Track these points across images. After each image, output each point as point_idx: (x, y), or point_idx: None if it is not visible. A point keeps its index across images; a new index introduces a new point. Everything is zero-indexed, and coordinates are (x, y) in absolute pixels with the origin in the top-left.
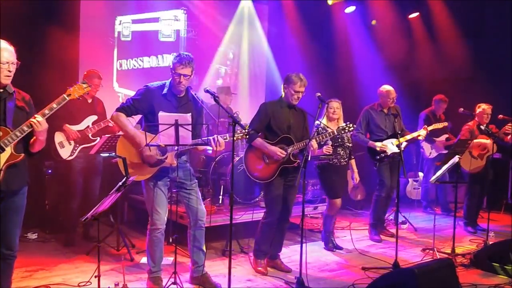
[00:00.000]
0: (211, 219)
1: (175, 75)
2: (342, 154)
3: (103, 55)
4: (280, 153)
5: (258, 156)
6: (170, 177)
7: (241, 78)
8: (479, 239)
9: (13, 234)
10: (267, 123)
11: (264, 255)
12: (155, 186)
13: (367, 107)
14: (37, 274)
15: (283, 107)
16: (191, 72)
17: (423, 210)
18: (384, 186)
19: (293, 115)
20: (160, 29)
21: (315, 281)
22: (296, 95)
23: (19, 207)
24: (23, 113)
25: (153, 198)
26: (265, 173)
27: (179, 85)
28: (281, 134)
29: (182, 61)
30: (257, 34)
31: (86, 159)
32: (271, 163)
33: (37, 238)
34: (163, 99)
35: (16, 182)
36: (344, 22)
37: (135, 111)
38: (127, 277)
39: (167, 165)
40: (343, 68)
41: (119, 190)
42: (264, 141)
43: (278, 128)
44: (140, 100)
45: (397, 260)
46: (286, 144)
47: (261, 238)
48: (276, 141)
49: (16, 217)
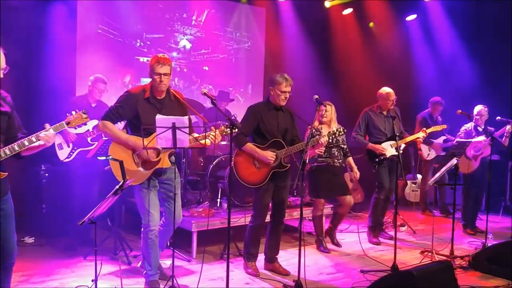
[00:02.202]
0: (209, 222)
1: (155, 75)
2: (336, 154)
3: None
4: (271, 158)
5: (248, 161)
6: (160, 179)
7: (239, 80)
8: (477, 241)
9: (11, 242)
10: (256, 127)
11: (254, 257)
12: (146, 188)
13: (367, 109)
14: (34, 278)
15: (270, 110)
16: (170, 70)
17: (422, 213)
18: (383, 189)
19: (281, 117)
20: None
21: (313, 284)
22: (283, 95)
23: (9, 213)
24: (5, 118)
25: (144, 199)
26: (256, 178)
27: (160, 85)
28: (270, 137)
29: (160, 60)
30: (255, 37)
31: (84, 163)
32: (262, 168)
33: (34, 242)
34: (146, 102)
35: (4, 190)
36: (342, 24)
37: (120, 118)
38: (124, 281)
39: (163, 166)
40: (341, 71)
41: (116, 194)
42: (254, 145)
43: (267, 131)
44: (123, 106)
45: (395, 263)
46: (276, 148)
47: (249, 241)
48: (266, 145)
49: (9, 225)
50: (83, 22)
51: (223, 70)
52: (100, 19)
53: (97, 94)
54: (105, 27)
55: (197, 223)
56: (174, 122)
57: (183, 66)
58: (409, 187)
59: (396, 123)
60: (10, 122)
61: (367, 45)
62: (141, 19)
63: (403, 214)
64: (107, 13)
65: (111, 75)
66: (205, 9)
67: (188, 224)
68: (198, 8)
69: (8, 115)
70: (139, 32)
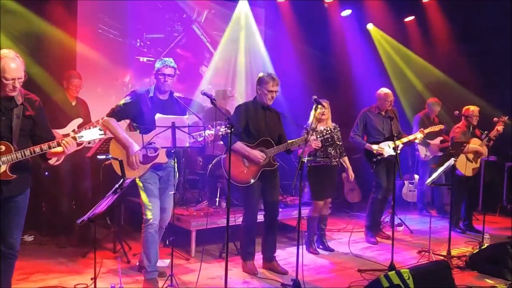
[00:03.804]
0: (208, 221)
1: (159, 75)
2: (333, 154)
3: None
4: (261, 157)
5: (238, 159)
6: (160, 175)
7: (238, 81)
8: (474, 242)
9: (14, 234)
10: (244, 125)
11: (251, 256)
12: (146, 182)
13: (365, 109)
14: (33, 276)
15: (258, 109)
16: (174, 72)
17: (419, 213)
18: (381, 189)
19: (269, 116)
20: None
21: (311, 283)
22: (270, 94)
23: (21, 207)
24: (29, 122)
25: (146, 193)
26: (246, 176)
27: (164, 84)
28: (259, 136)
29: (166, 63)
30: (254, 37)
31: (73, 162)
32: (251, 166)
33: (33, 240)
34: (150, 101)
35: (18, 188)
36: (341, 25)
37: (125, 115)
38: (123, 279)
39: (159, 161)
40: (339, 71)
41: (116, 192)
42: (244, 143)
43: (255, 129)
44: (130, 104)
45: (393, 262)
46: (265, 147)
47: (245, 240)
48: (255, 144)
49: (17, 217)
50: (83, 21)
51: (223, 70)
52: (101, 19)
53: (74, 90)
54: (105, 26)
55: (196, 222)
56: (174, 122)
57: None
58: (406, 187)
59: (394, 123)
60: (35, 126)
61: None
62: (141, 19)
63: (401, 214)
64: (107, 12)
65: (111, 74)
66: (205, 10)
67: (187, 223)
68: (198, 8)
69: (32, 119)
70: (139, 32)
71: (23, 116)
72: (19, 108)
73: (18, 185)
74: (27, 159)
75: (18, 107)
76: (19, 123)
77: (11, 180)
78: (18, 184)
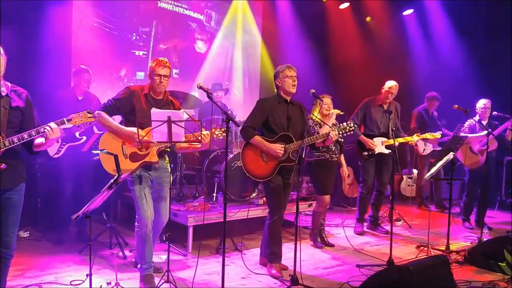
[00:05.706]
0: (205, 217)
1: (155, 76)
2: (334, 149)
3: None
4: (279, 151)
5: (256, 154)
6: (151, 176)
7: (235, 74)
8: (473, 236)
9: (10, 232)
10: (265, 120)
11: (278, 257)
12: (139, 183)
13: (368, 99)
14: (29, 272)
15: (280, 103)
16: (169, 73)
17: (417, 207)
18: (366, 183)
19: (292, 110)
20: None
21: (309, 278)
22: (290, 79)
23: (16, 204)
24: (18, 113)
25: (139, 194)
26: (264, 171)
27: (160, 85)
28: (279, 131)
29: (161, 63)
30: (251, 30)
31: (74, 157)
32: (269, 161)
33: (29, 236)
34: (143, 99)
35: (11, 181)
36: (339, 18)
37: (116, 111)
38: (119, 275)
39: (149, 160)
40: (337, 64)
41: (111, 188)
42: (263, 138)
43: (276, 125)
44: (122, 99)
45: (391, 257)
46: (285, 142)
47: (271, 240)
48: (275, 139)
49: (12, 214)
50: (79, 15)
51: (220, 64)
52: (96, 13)
53: (84, 85)
54: (101, 20)
55: (193, 218)
56: (170, 116)
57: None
58: (405, 182)
59: (392, 118)
60: (23, 118)
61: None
62: (137, 13)
63: (399, 209)
64: (103, 6)
65: (107, 68)
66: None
67: (184, 219)
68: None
69: (21, 110)
70: (135, 25)
71: (11, 107)
72: (5, 99)
73: (10, 177)
74: (17, 150)
75: (4, 98)
76: (6, 113)
77: (3, 171)
78: (10, 176)
